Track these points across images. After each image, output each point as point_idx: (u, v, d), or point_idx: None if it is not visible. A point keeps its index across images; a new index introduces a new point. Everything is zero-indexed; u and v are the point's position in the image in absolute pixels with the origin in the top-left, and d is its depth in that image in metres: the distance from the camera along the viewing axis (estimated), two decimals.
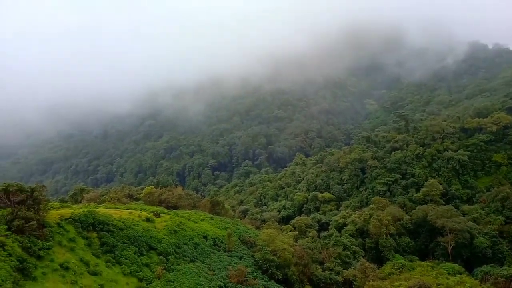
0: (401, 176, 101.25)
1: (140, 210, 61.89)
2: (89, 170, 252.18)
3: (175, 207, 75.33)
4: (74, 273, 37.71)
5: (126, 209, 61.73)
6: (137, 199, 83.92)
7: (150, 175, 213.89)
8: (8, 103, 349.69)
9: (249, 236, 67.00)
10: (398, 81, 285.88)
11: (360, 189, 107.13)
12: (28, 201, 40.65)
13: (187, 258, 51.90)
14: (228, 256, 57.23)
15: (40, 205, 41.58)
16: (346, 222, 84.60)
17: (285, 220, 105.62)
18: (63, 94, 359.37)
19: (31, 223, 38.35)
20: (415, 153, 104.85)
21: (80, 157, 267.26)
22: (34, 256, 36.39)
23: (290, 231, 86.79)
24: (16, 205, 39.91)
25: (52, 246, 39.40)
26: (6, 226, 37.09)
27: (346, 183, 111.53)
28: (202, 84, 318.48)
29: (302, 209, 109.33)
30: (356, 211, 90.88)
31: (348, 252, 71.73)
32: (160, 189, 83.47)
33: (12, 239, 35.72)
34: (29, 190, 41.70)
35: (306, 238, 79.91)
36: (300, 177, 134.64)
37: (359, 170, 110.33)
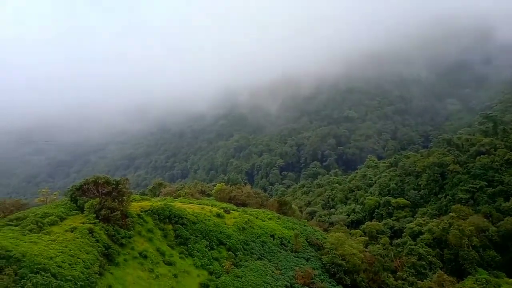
0: (487, 183, 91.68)
1: (211, 206, 64.36)
2: (166, 166, 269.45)
3: (244, 204, 76.97)
4: (151, 262, 40.52)
5: (199, 204, 64.68)
6: (208, 195, 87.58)
7: (221, 173, 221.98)
8: (99, 104, 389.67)
9: (317, 238, 66.00)
10: (485, 80, 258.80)
11: (439, 196, 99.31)
12: (113, 193, 44.63)
13: (255, 255, 52.78)
14: (295, 257, 56.98)
15: (124, 197, 45.36)
16: (422, 230, 79.09)
17: (355, 224, 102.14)
18: (146, 96, 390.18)
19: (116, 213, 42.06)
20: (505, 158, 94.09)
21: (159, 154, 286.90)
22: (117, 244, 39.86)
23: (360, 236, 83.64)
24: (103, 196, 44.04)
25: (133, 235, 42.79)
26: (95, 215, 41.11)
27: (423, 189, 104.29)
28: (277, 84, 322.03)
29: (373, 214, 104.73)
30: (434, 219, 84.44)
31: (424, 263, 67.00)
32: (230, 186, 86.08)
33: (100, 226, 39.49)
34: (114, 182, 45.74)
35: (377, 245, 76.32)
36: (371, 180, 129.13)
37: (438, 175, 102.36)
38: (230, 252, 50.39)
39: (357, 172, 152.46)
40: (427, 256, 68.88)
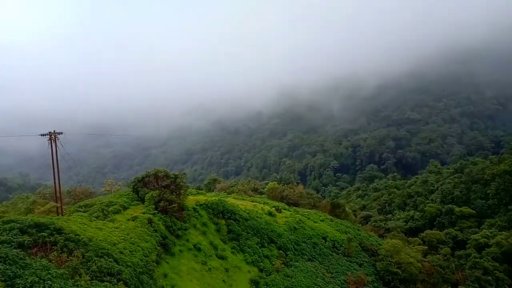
0: None
1: (263, 204, 64.86)
2: (221, 162, 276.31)
3: (296, 204, 76.57)
4: (205, 255, 41.83)
5: (251, 202, 65.52)
6: (261, 193, 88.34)
7: (274, 171, 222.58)
8: (161, 101, 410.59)
9: (371, 244, 63.70)
10: None
11: (509, 207, 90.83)
12: (171, 186, 46.75)
13: (305, 256, 52.27)
14: (347, 261, 55.49)
15: (181, 190, 47.32)
16: (489, 243, 72.80)
17: (413, 232, 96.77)
18: (206, 94, 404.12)
19: (173, 205, 44.03)
20: None
21: (214, 150, 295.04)
22: (173, 235, 41.69)
23: (418, 244, 79.12)
24: (162, 189, 46.32)
25: (188, 228, 44.48)
26: (154, 206, 43.37)
27: (491, 198, 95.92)
28: (336, 83, 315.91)
29: (434, 223, 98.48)
30: (503, 232, 77.39)
31: (490, 278, 61.65)
32: (282, 185, 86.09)
33: (158, 217, 41.59)
34: (173, 176, 47.90)
35: (437, 255, 71.72)
36: (433, 186, 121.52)
37: (510, 184, 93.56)
38: (280, 251, 50.41)
39: (417, 177, 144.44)
40: (494, 271, 63.30)
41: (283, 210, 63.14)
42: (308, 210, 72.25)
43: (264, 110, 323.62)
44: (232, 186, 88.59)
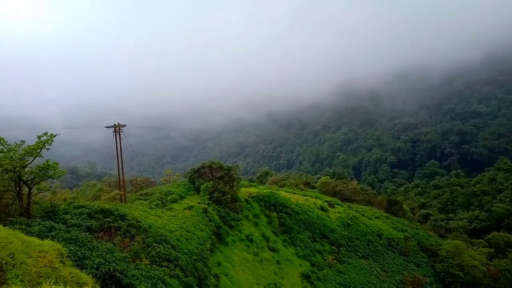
0: None
1: (315, 198, 64.19)
2: (273, 156, 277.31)
3: (349, 200, 74.82)
4: (257, 246, 42.46)
5: (303, 196, 65.15)
6: (313, 187, 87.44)
7: (326, 166, 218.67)
8: (216, 95, 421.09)
9: (430, 244, 60.47)
10: None
11: None
12: (225, 178, 47.97)
13: (359, 253, 51.00)
14: (404, 261, 53.26)
15: (234, 182, 48.38)
16: None
17: (477, 233, 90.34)
18: (257, 87, 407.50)
19: (227, 196, 45.17)
20: None
21: (266, 144, 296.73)
22: (227, 225, 42.80)
23: (483, 247, 73.79)
24: (216, 180, 47.68)
25: (241, 219, 45.40)
26: (209, 196, 44.80)
27: None
28: (395, 76, 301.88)
29: (502, 224, 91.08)
30: None
31: None
32: (335, 180, 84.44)
33: (212, 207, 42.91)
34: (227, 168, 49.12)
35: (505, 259, 66.30)
36: (502, 185, 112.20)
37: None
38: (333, 246, 49.67)
39: (484, 175, 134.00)
40: None
41: (336, 206, 62.02)
42: (362, 206, 70.29)
43: (317, 103, 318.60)
44: (283, 180, 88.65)
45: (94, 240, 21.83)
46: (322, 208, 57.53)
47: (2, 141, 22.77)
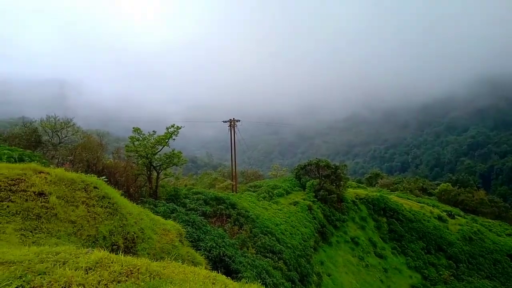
0: None
1: (432, 207, 58.61)
2: (385, 157, 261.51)
3: (474, 212, 66.26)
4: (362, 250, 40.77)
5: (418, 202, 60.07)
6: (430, 194, 79.83)
7: (448, 171, 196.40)
8: (326, 91, 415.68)
9: None
10: None
11: None
12: (332, 176, 47.11)
13: (483, 272, 44.77)
14: None
15: (341, 182, 47.20)
16: None
17: None
18: (373, 86, 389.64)
19: (333, 195, 44.36)
20: None
21: (378, 144, 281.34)
22: (332, 225, 42.07)
23: None
24: (323, 178, 47.18)
25: (347, 220, 44.11)
26: (314, 194, 44.65)
27: None
28: None
29: None
30: None
31: None
32: (457, 188, 75.66)
33: (317, 205, 42.66)
34: (334, 167, 48.21)
35: None
36: None
37: None
38: (450, 261, 44.69)
39: None
40: None
41: (456, 217, 55.59)
42: (490, 220, 61.54)
43: (440, 101, 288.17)
44: (396, 183, 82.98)
45: (208, 225, 23.83)
46: (440, 218, 52.21)
47: (138, 131, 26.46)
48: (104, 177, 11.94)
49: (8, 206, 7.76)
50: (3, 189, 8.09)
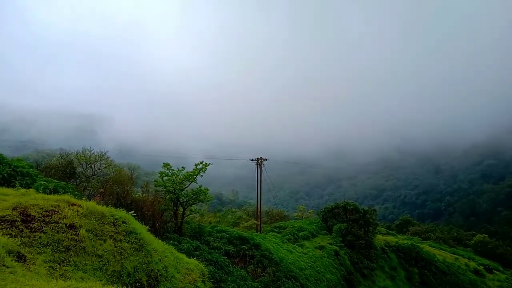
0: None
1: (468, 259, 54.95)
2: (416, 203, 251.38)
3: None
4: None
5: (452, 253, 56.63)
6: (465, 245, 75.16)
7: (485, 222, 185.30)
8: (355, 133, 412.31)
9: None
10: None
11: None
12: (360, 221, 45.51)
13: None
14: None
15: (370, 227, 45.43)
16: None
17: None
18: (410, 129, 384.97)
19: (361, 241, 42.60)
20: None
21: (409, 189, 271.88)
22: (359, 272, 40.04)
23: None
24: (350, 222, 45.65)
25: (375, 268, 41.93)
26: (341, 239, 43.07)
27: None
28: None
29: None
30: None
31: None
32: (495, 240, 70.93)
33: (344, 251, 40.97)
34: (362, 211, 46.68)
35: None
36: None
37: None
38: None
39: None
40: None
41: (495, 272, 51.65)
42: None
43: (471, 150, 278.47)
44: (428, 232, 79.00)
45: (230, 265, 23.32)
46: (476, 272, 48.70)
47: (168, 167, 26.99)
48: (132, 211, 12.11)
49: (40, 237, 7.95)
50: (37, 220, 8.34)
